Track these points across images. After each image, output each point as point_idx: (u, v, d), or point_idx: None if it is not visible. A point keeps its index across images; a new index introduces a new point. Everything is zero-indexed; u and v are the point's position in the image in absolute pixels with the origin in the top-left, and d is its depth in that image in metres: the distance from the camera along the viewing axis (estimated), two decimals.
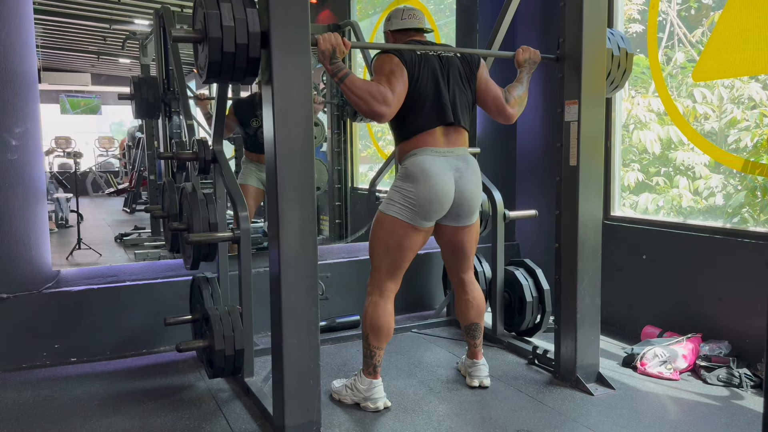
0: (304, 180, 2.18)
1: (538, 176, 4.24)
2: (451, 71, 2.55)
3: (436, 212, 2.51)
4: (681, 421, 2.46)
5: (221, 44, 2.05)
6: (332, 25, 6.08)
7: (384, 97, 2.33)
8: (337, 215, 5.96)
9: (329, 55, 2.29)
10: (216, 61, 2.08)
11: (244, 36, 2.07)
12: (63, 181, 9.00)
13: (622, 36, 3.00)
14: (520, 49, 2.75)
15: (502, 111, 2.64)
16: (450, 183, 2.48)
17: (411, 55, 2.47)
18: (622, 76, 2.99)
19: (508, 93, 2.66)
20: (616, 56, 2.90)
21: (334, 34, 2.30)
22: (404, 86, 2.42)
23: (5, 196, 3.09)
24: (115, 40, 9.84)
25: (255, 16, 2.10)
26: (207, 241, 2.68)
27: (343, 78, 2.30)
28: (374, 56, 2.54)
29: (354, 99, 2.31)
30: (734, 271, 3.02)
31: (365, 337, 2.57)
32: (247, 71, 2.14)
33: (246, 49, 2.08)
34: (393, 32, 2.70)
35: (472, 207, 2.60)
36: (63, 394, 2.79)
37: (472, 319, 2.81)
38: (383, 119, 2.37)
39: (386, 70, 2.42)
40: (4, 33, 3.05)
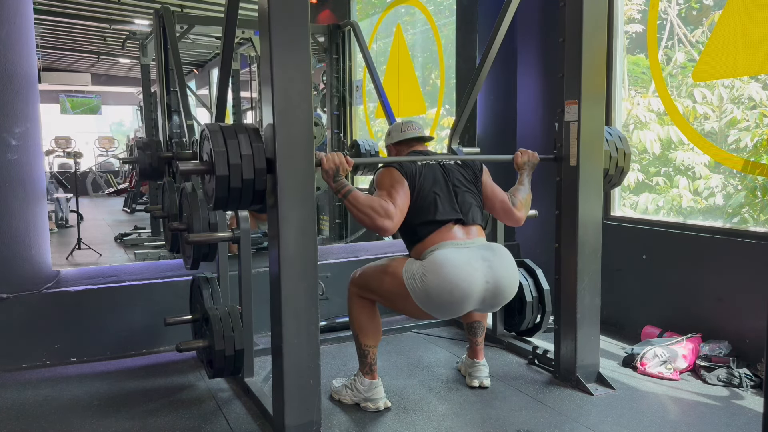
0: (304, 180, 2.18)
1: (538, 176, 4.23)
2: (454, 177, 2.56)
3: (456, 306, 2.37)
4: (681, 421, 2.46)
5: (228, 181, 2.10)
6: (332, 25, 6.09)
7: (386, 211, 2.34)
8: (337, 215, 5.97)
9: (333, 174, 2.32)
10: (223, 196, 2.14)
11: (251, 172, 2.12)
12: (63, 181, 9.01)
13: (620, 135, 3.00)
14: (518, 152, 2.78)
15: (510, 215, 2.66)
16: (477, 276, 2.34)
17: (411, 167, 2.50)
18: (620, 176, 3.00)
19: (513, 197, 2.67)
20: (614, 157, 2.91)
21: (338, 154, 2.33)
22: (406, 198, 2.43)
23: (5, 196, 3.09)
24: (115, 40, 9.84)
25: (261, 151, 2.14)
26: (207, 241, 2.68)
27: (346, 195, 2.33)
28: (375, 171, 2.58)
29: (357, 214, 2.34)
30: (734, 271, 3.02)
31: (356, 338, 2.59)
32: (254, 201, 2.20)
33: (252, 183, 2.13)
34: (394, 145, 2.73)
35: (510, 295, 2.47)
36: (63, 394, 2.79)
37: (476, 318, 2.83)
38: (387, 233, 2.37)
39: (387, 184, 2.45)
40: (4, 33, 3.05)
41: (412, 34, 5.97)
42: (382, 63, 6.21)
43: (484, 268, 2.37)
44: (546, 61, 4.16)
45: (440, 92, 5.61)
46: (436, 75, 5.81)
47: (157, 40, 5.34)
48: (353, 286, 2.60)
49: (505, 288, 2.43)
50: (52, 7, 7.68)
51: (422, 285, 2.35)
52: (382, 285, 2.49)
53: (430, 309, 2.40)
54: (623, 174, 3.02)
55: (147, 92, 7.37)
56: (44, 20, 8.42)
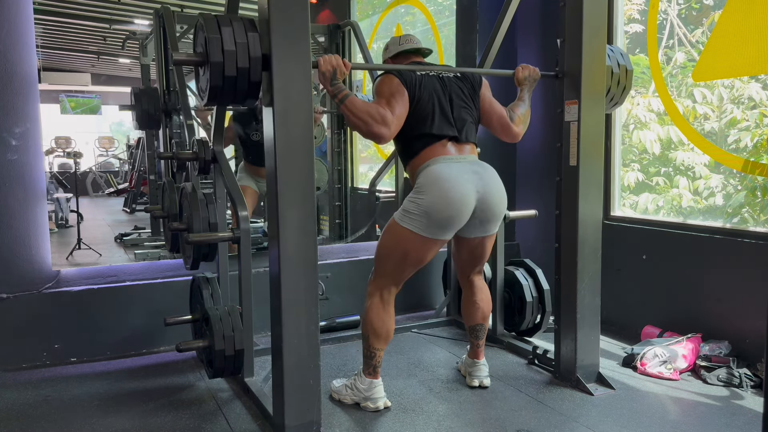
0: (304, 180, 2.18)
1: (538, 176, 4.24)
2: (453, 90, 2.55)
3: (454, 219, 2.41)
4: (681, 421, 2.46)
5: (222, 68, 2.07)
6: (332, 25, 6.09)
7: (383, 118, 2.34)
8: (337, 215, 5.96)
9: (330, 77, 2.30)
10: (217, 86, 2.10)
11: (246, 60, 2.08)
12: (63, 181, 9.00)
13: (622, 53, 3.00)
14: (519, 67, 2.76)
15: (507, 130, 2.65)
16: (469, 186, 2.41)
17: (411, 76, 2.49)
18: (621, 93, 2.99)
19: (512, 112, 2.66)
20: (615, 73, 2.90)
21: (335, 56, 2.31)
22: (405, 107, 2.43)
23: (5, 196, 3.09)
24: (115, 40, 9.84)
25: (256, 40, 2.11)
26: (207, 241, 2.68)
27: (343, 99, 2.32)
28: (375, 78, 2.55)
29: (354, 120, 2.33)
30: (734, 271, 3.02)
31: (365, 339, 2.56)
32: (248, 94, 2.15)
33: (247, 72, 2.10)
34: (392, 58, 2.71)
35: (500, 210, 2.53)
36: (63, 394, 2.79)
37: (478, 320, 2.82)
38: (382, 140, 2.38)
39: (386, 91, 2.44)
40: (4, 33, 3.05)
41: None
42: None
43: (475, 180, 2.45)
44: (546, 61, 4.16)
45: None
46: None
47: (157, 40, 5.34)
48: (372, 284, 2.57)
49: (494, 197, 2.49)
50: (52, 7, 7.68)
51: (419, 208, 2.39)
52: (389, 247, 2.50)
53: (433, 230, 2.41)
54: (625, 91, 2.99)
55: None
56: (44, 20, 8.42)
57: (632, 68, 3.01)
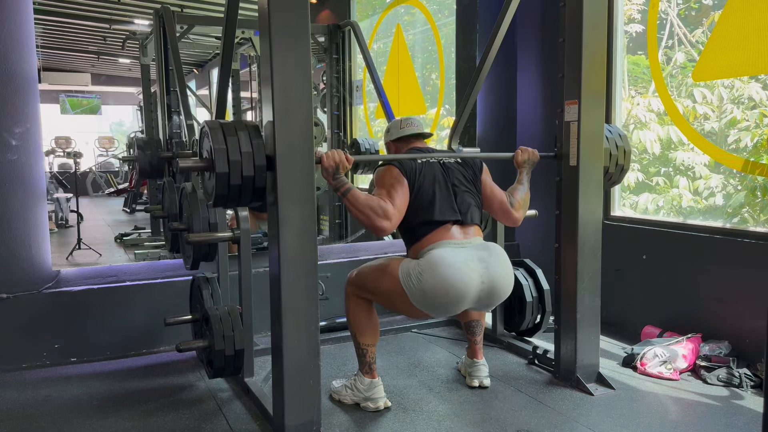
0: (304, 180, 2.18)
1: (538, 176, 4.23)
2: (454, 176, 2.56)
3: (453, 306, 2.39)
4: (681, 421, 2.46)
5: (228, 178, 2.10)
6: (332, 25, 6.09)
7: (385, 211, 2.35)
8: (337, 215, 5.97)
9: (332, 172, 2.32)
10: (223, 194, 2.14)
11: (251, 169, 2.12)
12: (63, 181, 9.01)
13: (621, 133, 3.00)
14: (518, 150, 2.78)
15: (508, 215, 2.66)
16: (473, 276, 2.36)
17: (411, 165, 2.50)
18: (620, 173, 3.00)
19: (512, 197, 2.67)
20: (614, 155, 2.91)
21: (338, 152, 2.33)
22: (405, 197, 2.44)
23: (5, 196, 3.09)
24: (115, 40, 9.84)
25: (261, 148, 2.14)
26: (207, 241, 2.68)
27: (345, 193, 2.33)
28: (375, 169, 2.57)
29: (356, 214, 2.35)
30: (734, 271, 3.02)
31: (354, 337, 2.59)
32: (254, 198, 2.20)
33: (252, 180, 2.13)
34: (393, 142, 2.73)
35: (504, 294, 2.49)
36: (63, 394, 2.79)
37: (473, 316, 2.83)
38: (385, 233, 2.38)
39: (387, 182, 2.45)
40: (4, 33, 3.04)
41: (412, 34, 5.97)
42: (382, 63, 6.21)
43: (480, 269, 2.38)
44: (546, 61, 4.16)
45: (440, 92, 5.61)
46: (436, 75, 5.81)
47: (157, 40, 5.34)
48: (350, 286, 2.60)
49: (501, 288, 2.44)
50: (52, 7, 7.68)
51: (418, 284, 2.36)
52: (378, 285, 2.49)
53: (426, 308, 2.42)
54: (623, 172, 3.02)
55: (147, 92, 7.38)
56: (44, 20, 8.42)
57: (630, 149, 3.02)
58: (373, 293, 2.53)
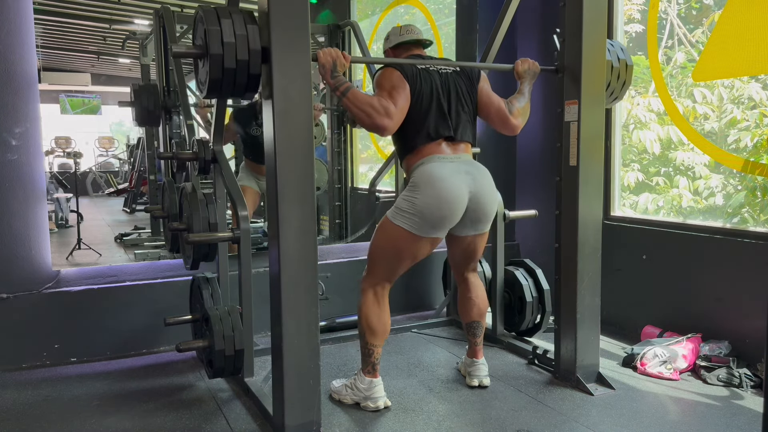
0: (304, 180, 2.18)
1: (538, 176, 4.24)
2: (451, 87, 2.55)
3: (447, 219, 2.44)
4: (681, 421, 2.46)
5: (222, 61, 2.07)
6: (332, 25, 6.09)
7: (386, 110, 2.34)
8: (337, 215, 5.97)
9: (330, 69, 2.30)
10: (217, 78, 2.10)
11: (245, 52, 2.09)
12: (63, 181, 9.01)
13: (622, 47, 3.00)
14: (519, 60, 2.76)
15: (506, 122, 2.64)
16: (461, 186, 2.43)
17: (412, 69, 2.48)
18: (621, 88, 2.99)
19: (511, 104, 2.65)
20: (615, 67, 2.91)
21: (334, 49, 2.31)
22: (406, 99, 2.43)
23: (5, 196, 3.09)
24: (115, 40, 9.84)
25: (256, 33, 2.11)
26: (207, 241, 2.68)
27: (345, 92, 2.31)
28: (376, 71, 2.55)
29: (356, 112, 2.33)
30: (734, 271, 3.02)
31: (362, 336, 2.57)
32: (248, 87, 2.16)
33: (247, 65, 2.10)
34: (392, 49, 2.70)
35: (491, 210, 2.56)
36: (63, 394, 2.79)
37: (474, 317, 2.82)
38: (386, 132, 2.38)
39: (388, 84, 2.43)
40: (4, 33, 3.04)
41: None
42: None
43: (467, 180, 2.46)
44: (546, 61, 4.15)
45: None
46: None
47: (157, 40, 5.34)
48: (365, 281, 2.59)
49: (486, 197, 2.51)
50: (52, 7, 7.69)
51: (412, 207, 2.41)
52: (382, 245, 2.52)
53: (425, 230, 2.43)
54: (625, 86, 3.00)
55: None
56: (44, 20, 8.43)
57: (632, 63, 3.01)
58: (385, 257, 2.52)
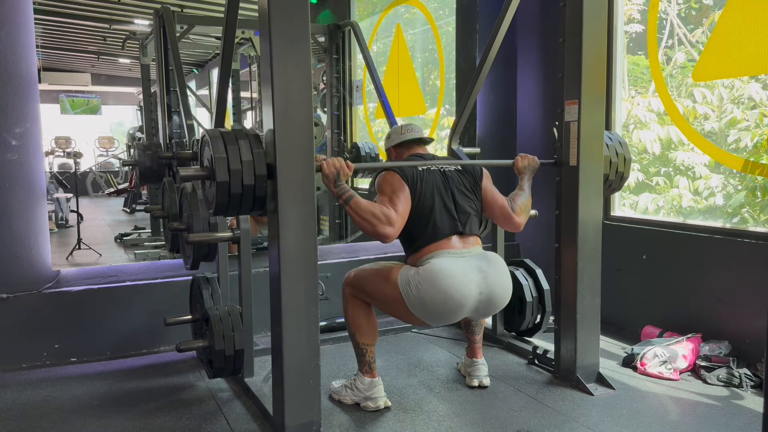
0: (304, 180, 2.18)
1: (537, 176, 4.23)
2: (455, 184, 2.55)
3: (450, 316, 2.40)
4: (681, 421, 2.46)
5: (229, 187, 2.11)
6: (332, 25, 6.09)
7: (388, 217, 2.34)
8: (337, 215, 5.97)
9: (333, 179, 2.31)
10: (224, 203, 2.14)
11: (251, 177, 2.12)
12: (63, 181, 9.00)
13: (621, 141, 3.00)
14: (518, 156, 2.78)
15: (509, 221, 2.65)
16: (472, 287, 2.37)
17: (412, 172, 2.49)
18: (620, 181, 3.01)
19: (513, 202, 2.66)
20: (614, 162, 2.92)
21: (338, 159, 2.33)
22: (407, 204, 2.43)
23: (5, 196, 3.09)
24: (115, 40, 9.83)
25: (261, 157, 2.14)
26: (207, 241, 2.68)
27: (347, 200, 2.33)
28: (376, 175, 2.57)
29: (359, 221, 2.34)
30: (734, 271, 3.02)
31: (353, 337, 2.59)
32: (254, 207, 2.20)
33: (253, 189, 2.13)
34: (394, 147, 2.72)
35: (502, 304, 2.51)
36: (63, 394, 2.79)
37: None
38: (388, 239, 2.36)
39: (389, 189, 2.44)
40: (4, 33, 3.04)
41: (412, 34, 5.97)
42: (382, 63, 6.21)
43: (479, 279, 2.39)
44: (546, 61, 4.16)
45: (440, 92, 5.61)
46: (436, 75, 5.81)
47: (157, 40, 5.34)
48: (347, 287, 2.59)
49: (499, 298, 2.46)
50: (52, 7, 7.68)
51: (417, 293, 2.36)
52: (376, 289, 2.49)
53: (424, 316, 2.42)
54: (623, 179, 3.02)
55: (147, 92, 7.38)
56: (44, 20, 8.42)
57: (630, 157, 3.02)
58: (371, 297, 2.53)
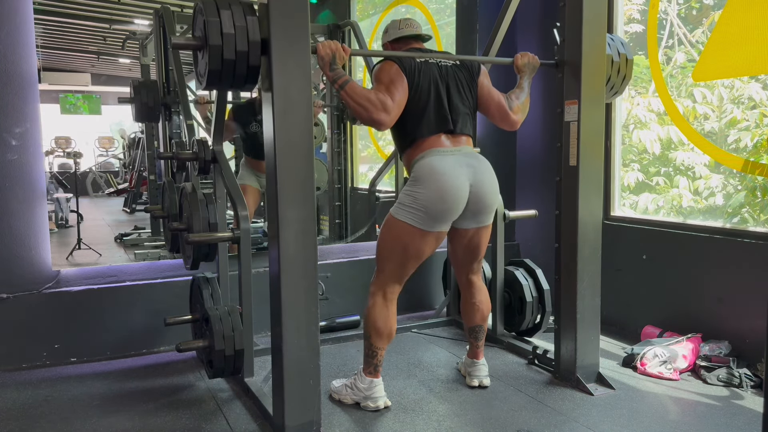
0: (304, 180, 2.18)
1: (538, 176, 4.24)
2: (450, 80, 2.54)
3: (450, 212, 2.45)
4: (681, 421, 2.46)
5: (221, 52, 2.06)
6: (332, 25, 6.09)
7: (384, 104, 2.33)
8: (337, 215, 5.96)
9: (329, 62, 2.29)
10: (216, 69, 2.10)
11: (245, 43, 2.08)
12: (63, 181, 9.00)
13: (622, 42, 3.00)
14: (518, 54, 2.75)
15: (505, 118, 2.64)
16: (463, 179, 2.43)
17: (410, 62, 2.47)
18: (621, 82, 2.99)
19: (510, 100, 2.65)
20: (615, 62, 2.91)
21: (334, 42, 2.31)
22: (404, 93, 2.42)
23: (5, 196, 3.09)
24: (115, 40, 9.84)
25: (255, 24, 2.10)
26: (207, 241, 2.68)
27: (343, 85, 2.30)
28: (374, 65, 2.54)
29: (354, 106, 2.32)
30: (734, 271, 3.02)
31: (367, 338, 2.56)
32: (247, 79, 2.15)
33: (246, 56, 2.09)
34: (391, 43, 2.70)
35: (492, 202, 2.55)
36: (63, 394, 2.79)
37: (477, 322, 2.81)
38: (383, 126, 2.37)
39: (386, 78, 2.42)
40: (4, 33, 3.04)
41: None
42: None
43: (468, 173, 2.46)
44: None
45: None
46: None
47: (157, 40, 5.34)
48: (374, 284, 2.57)
49: (487, 189, 2.50)
50: (52, 7, 7.68)
51: (414, 201, 2.41)
52: (388, 245, 2.51)
53: (429, 223, 2.43)
54: (626, 80, 2.99)
55: None
56: (44, 20, 8.43)
57: (632, 57, 3.01)
58: (390, 256, 2.51)
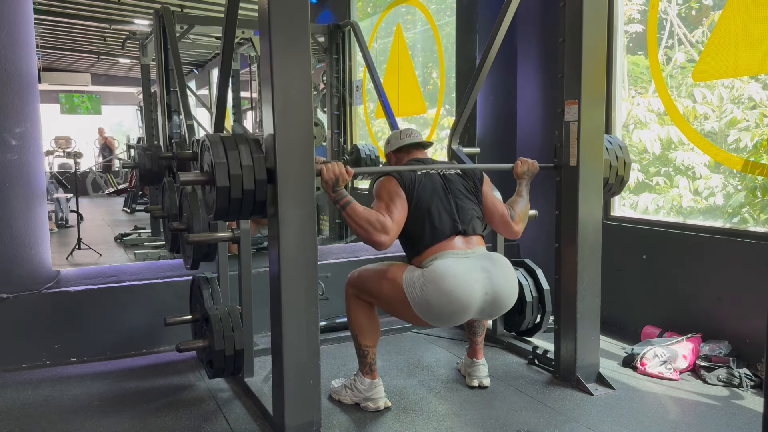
0: (304, 180, 2.18)
1: (537, 176, 4.23)
2: (455, 187, 2.55)
3: (456, 317, 2.39)
4: (681, 421, 2.46)
5: (229, 192, 2.10)
6: (332, 25, 6.09)
7: (383, 225, 2.34)
8: (337, 215, 5.96)
9: (332, 184, 2.32)
10: (223, 207, 2.14)
11: (251, 182, 2.12)
12: (63, 181, 9.00)
13: (621, 145, 3.00)
14: (518, 161, 2.78)
15: (508, 228, 2.65)
16: (477, 286, 2.36)
17: (411, 176, 2.49)
18: (620, 185, 3.02)
19: (512, 209, 2.66)
20: (614, 166, 2.92)
21: (338, 164, 2.33)
22: (403, 210, 2.43)
23: (5, 196, 3.09)
24: (115, 40, 9.84)
25: (261, 162, 2.14)
26: (207, 241, 2.68)
27: (344, 206, 2.33)
28: (375, 179, 2.57)
29: (355, 227, 2.35)
30: (734, 271, 3.02)
31: (354, 338, 2.59)
32: (254, 212, 2.20)
33: (253, 194, 2.13)
34: (394, 153, 2.72)
35: (509, 304, 2.48)
36: (63, 394, 2.79)
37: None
38: (382, 247, 2.36)
39: (385, 195, 2.45)
40: (4, 33, 3.05)
41: (412, 34, 5.97)
42: (382, 63, 6.21)
43: (484, 279, 2.38)
44: (546, 61, 4.16)
45: (440, 92, 5.61)
46: (436, 75, 5.81)
47: (157, 40, 5.34)
48: (350, 287, 2.59)
49: (504, 299, 2.44)
50: (52, 7, 7.68)
51: (422, 294, 2.35)
52: (380, 290, 2.48)
53: (429, 318, 2.41)
54: (623, 183, 3.03)
55: (147, 92, 7.37)
56: (44, 20, 8.43)
57: (630, 161, 3.03)
58: (375, 297, 2.52)
